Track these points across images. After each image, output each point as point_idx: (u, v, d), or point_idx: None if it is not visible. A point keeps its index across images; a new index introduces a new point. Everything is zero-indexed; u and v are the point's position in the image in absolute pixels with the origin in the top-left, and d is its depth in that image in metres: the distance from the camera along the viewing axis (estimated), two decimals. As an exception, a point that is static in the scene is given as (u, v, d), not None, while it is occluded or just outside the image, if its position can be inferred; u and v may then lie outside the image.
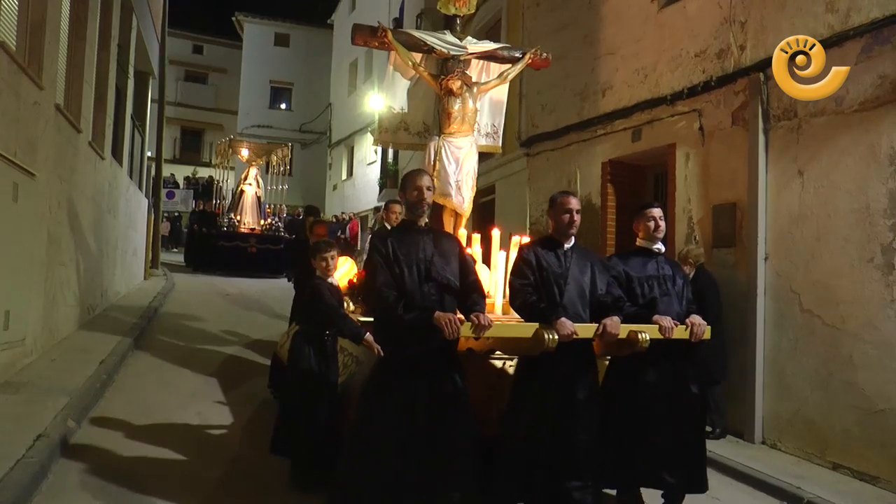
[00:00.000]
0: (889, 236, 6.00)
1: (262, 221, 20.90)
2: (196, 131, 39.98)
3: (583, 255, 4.65)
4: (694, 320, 4.62)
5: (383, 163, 25.03)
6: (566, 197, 4.64)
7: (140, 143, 15.91)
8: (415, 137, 6.89)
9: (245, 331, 10.96)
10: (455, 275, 4.23)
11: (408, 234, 4.27)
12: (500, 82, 6.68)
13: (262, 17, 36.59)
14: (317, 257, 5.33)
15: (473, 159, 6.37)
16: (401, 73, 6.69)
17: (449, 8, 6.57)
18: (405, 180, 4.41)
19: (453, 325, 3.89)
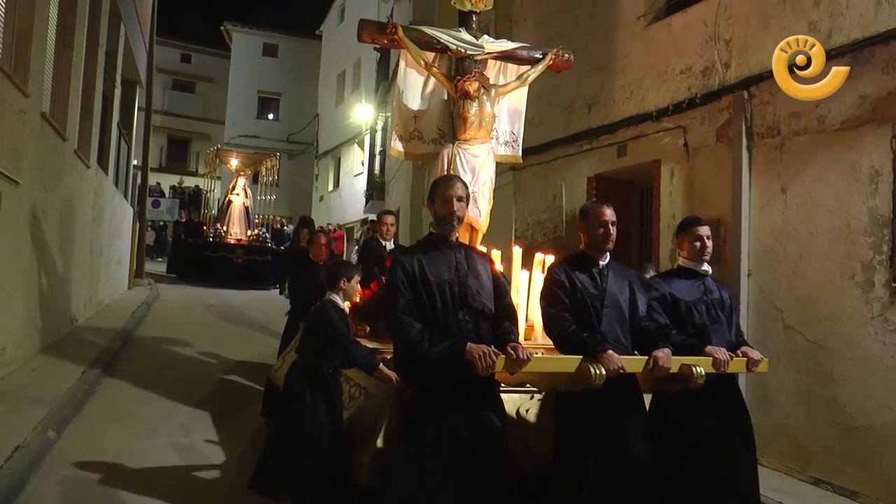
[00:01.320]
0: (869, 254, 6.06)
1: (248, 232, 20.70)
2: (183, 140, 39.90)
3: (620, 273, 4.17)
4: (749, 352, 4.22)
5: (370, 174, 25.06)
6: (600, 207, 4.15)
7: (126, 152, 15.86)
8: (430, 146, 6.30)
9: (232, 348, 10.47)
10: (490, 299, 3.78)
11: (437, 250, 3.79)
12: (519, 85, 6.26)
13: (251, 27, 36.66)
14: (338, 281, 4.68)
15: (491, 169, 5.90)
16: (411, 76, 6.28)
17: (464, 4, 6.13)
18: (433, 189, 3.93)
19: (488, 358, 3.40)
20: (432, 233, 3.92)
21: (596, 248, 4.10)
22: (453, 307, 3.64)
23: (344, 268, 4.81)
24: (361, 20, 6.00)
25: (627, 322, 4.03)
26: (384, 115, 23.39)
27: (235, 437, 6.34)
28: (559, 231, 10.27)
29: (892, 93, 5.95)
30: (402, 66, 6.18)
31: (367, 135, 26.26)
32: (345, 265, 4.91)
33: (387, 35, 5.87)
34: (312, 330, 4.64)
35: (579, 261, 4.14)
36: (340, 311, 4.62)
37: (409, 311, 3.58)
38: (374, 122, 24.92)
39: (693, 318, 4.32)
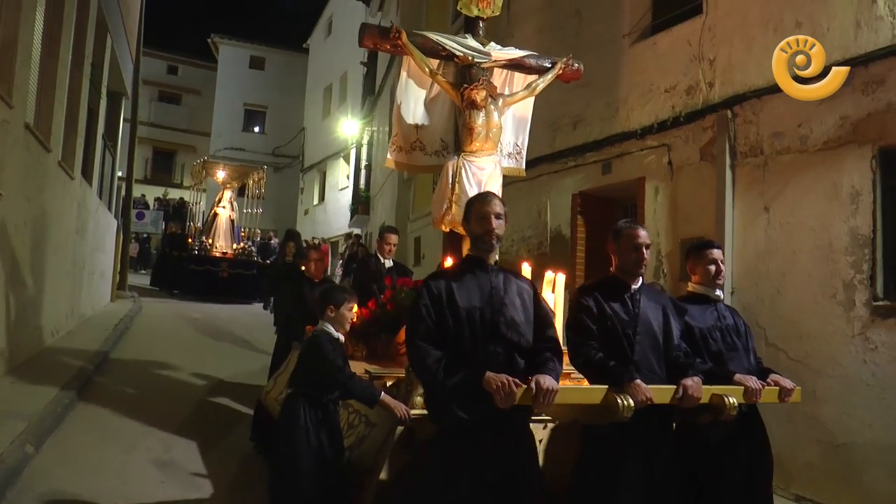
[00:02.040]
0: (850, 273, 6.12)
1: (234, 245, 20.53)
2: (168, 152, 39.79)
3: (652, 297, 3.88)
4: (781, 381, 3.98)
5: (355, 189, 25.07)
6: (634, 228, 3.85)
7: (111, 164, 15.80)
8: (432, 158, 6.01)
9: (217, 366, 10.00)
10: (529, 329, 3.43)
11: (470, 274, 3.46)
12: (527, 95, 5.95)
13: (238, 40, 36.72)
14: (327, 307, 4.34)
15: (497, 182, 5.52)
16: (413, 84, 5.96)
17: (471, 9, 5.85)
18: (468, 208, 3.64)
19: (507, 389, 3.07)
20: (469, 255, 3.63)
21: (628, 272, 3.81)
22: (483, 337, 3.30)
23: (331, 294, 4.43)
24: (363, 24, 5.71)
25: (662, 350, 3.73)
26: (370, 130, 23.43)
27: (223, 463, 5.96)
28: (544, 247, 10.30)
29: (872, 114, 6.03)
30: (404, 74, 5.92)
31: (353, 149, 26.30)
32: (333, 291, 4.51)
33: (390, 40, 5.61)
34: (307, 361, 4.32)
35: (609, 285, 3.84)
36: (334, 342, 4.29)
37: (428, 338, 3.29)
38: (361, 137, 24.96)
39: (709, 346, 4.09)
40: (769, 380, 3.97)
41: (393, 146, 6.01)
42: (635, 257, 3.77)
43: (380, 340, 5.92)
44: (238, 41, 36.68)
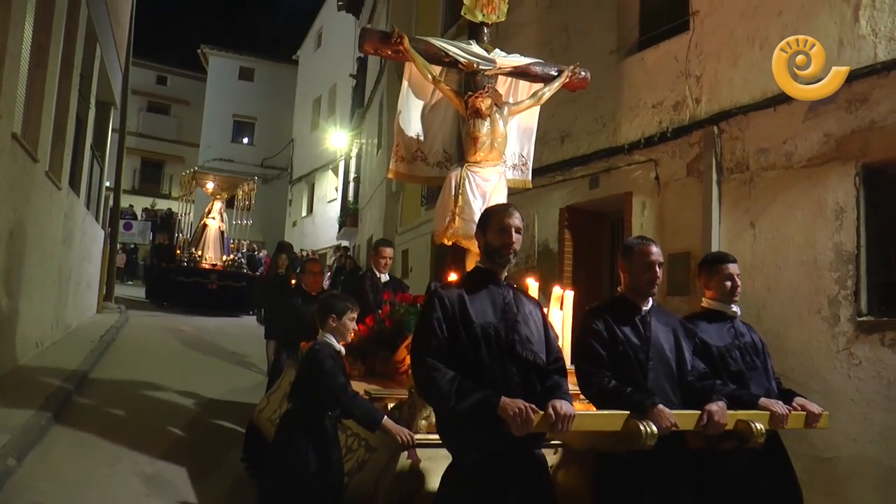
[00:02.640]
0: (835, 289, 6.15)
1: (224, 257, 20.33)
2: (156, 163, 39.74)
3: (663, 319, 3.66)
4: (807, 405, 3.77)
5: (343, 201, 25.09)
6: (647, 245, 3.65)
7: (99, 174, 15.76)
8: (434, 169, 5.78)
9: (206, 382, 9.69)
10: (543, 349, 3.24)
11: (483, 288, 3.24)
12: (532, 103, 5.74)
13: (228, 51, 36.79)
14: (328, 317, 4.08)
15: (503, 194, 5.30)
16: (414, 92, 5.74)
17: (475, 14, 5.62)
18: (486, 218, 3.40)
19: (524, 416, 2.83)
20: (478, 267, 3.40)
21: (639, 293, 3.59)
22: (498, 356, 3.07)
23: (333, 302, 4.14)
24: (364, 29, 5.52)
25: (676, 377, 3.52)
26: (359, 142, 23.46)
27: (213, 486, 5.73)
28: (531, 261, 10.32)
29: (855, 131, 6.09)
30: (405, 82, 5.70)
31: (342, 161, 26.32)
32: (334, 299, 4.22)
33: (391, 45, 5.35)
34: (305, 376, 4.03)
35: (619, 307, 3.61)
36: (335, 355, 4.00)
37: (440, 355, 3.02)
38: (349, 149, 24.99)
39: (728, 366, 3.86)
40: (794, 404, 3.77)
41: (395, 156, 5.77)
42: (648, 276, 3.56)
43: (378, 358, 5.71)
44: (228, 52, 36.74)
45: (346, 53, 26.74)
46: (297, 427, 3.89)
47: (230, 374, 10.85)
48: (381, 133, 18.85)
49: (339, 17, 26.55)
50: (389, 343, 5.66)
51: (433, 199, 14.74)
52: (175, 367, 10.68)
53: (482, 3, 5.61)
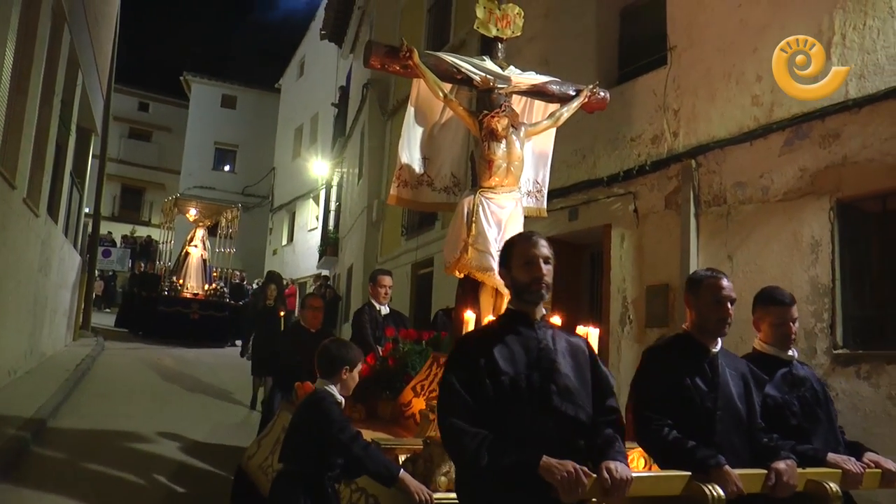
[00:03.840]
0: (811, 322, 6.21)
1: (206, 286, 19.75)
2: (137, 189, 39.53)
3: (731, 363, 3.27)
4: (883, 462, 3.34)
5: (324, 230, 25.06)
6: (717, 278, 3.26)
7: (78, 201, 15.66)
8: (441, 194, 5.39)
9: (188, 422, 8.86)
10: (588, 399, 2.81)
11: (514, 333, 2.83)
12: (550, 125, 5.30)
13: (210, 78, 36.81)
14: (340, 369, 3.65)
15: (519, 222, 4.84)
16: (421, 111, 5.33)
17: (489, 28, 5.21)
18: (508, 251, 3.04)
19: (574, 480, 2.45)
20: (510, 309, 2.96)
21: (708, 332, 3.21)
22: (532, 411, 2.67)
23: (348, 353, 3.73)
24: (370, 41, 5.08)
25: (746, 430, 3.13)
26: (340, 171, 23.49)
27: None
28: (511, 291, 10.33)
29: (830, 167, 6.19)
30: (412, 99, 5.33)
31: (323, 190, 26.32)
32: (349, 349, 3.79)
33: (399, 60, 4.93)
34: (303, 428, 3.58)
35: (684, 347, 3.23)
36: (339, 406, 3.59)
37: (465, 414, 2.65)
38: (331, 178, 25.01)
39: (786, 419, 3.40)
40: (866, 460, 3.34)
41: (397, 180, 5.35)
42: (719, 314, 3.18)
43: (380, 400, 5.24)
44: (210, 79, 36.76)
45: (328, 82, 26.87)
46: (295, 493, 3.43)
47: (213, 409, 10.36)
48: (363, 162, 18.90)
49: (321, 46, 26.68)
50: (393, 384, 5.21)
51: (414, 229, 14.84)
52: (154, 403, 10.16)
53: (496, 18, 5.22)
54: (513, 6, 5.29)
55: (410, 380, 4.99)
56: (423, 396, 4.64)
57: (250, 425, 8.35)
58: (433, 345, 5.36)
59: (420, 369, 4.99)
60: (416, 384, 4.85)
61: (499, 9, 5.20)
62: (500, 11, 5.21)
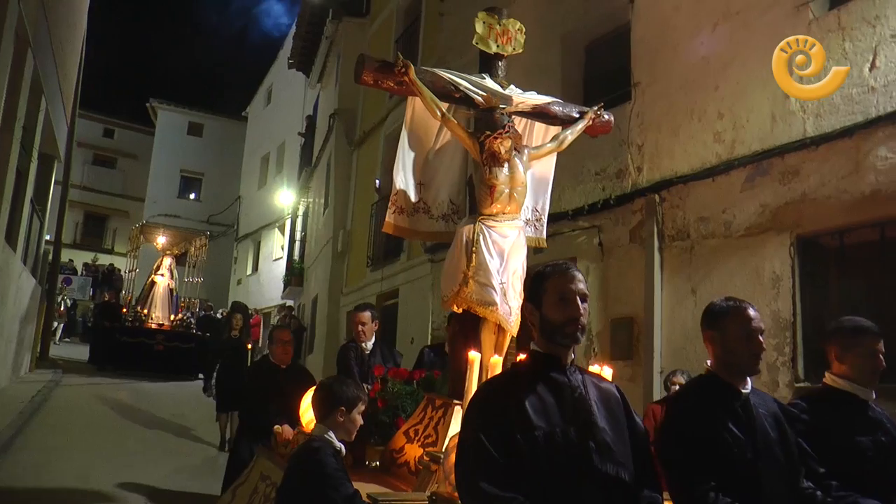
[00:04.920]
0: (773, 355, 6.28)
1: (172, 316, 19.02)
2: (100, 216, 38.95)
3: (762, 402, 2.89)
4: None
5: (289, 260, 24.89)
6: (743, 308, 2.89)
7: (38, 228, 15.39)
8: (438, 222, 5.00)
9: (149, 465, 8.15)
10: (628, 455, 2.47)
11: (544, 381, 2.47)
12: (554, 148, 4.86)
13: (177, 105, 36.57)
14: (336, 409, 3.30)
15: (522, 254, 4.45)
16: (417, 133, 4.94)
17: (489, 44, 4.84)
18: (539, 284, 2.64)
19: None
20: (536, 352, 2.58)
21: (737, 371, 2.83)
22: (571, 473, 2.33)
23: (343, 390, 3.35)
24: (362, 55, 4.68)
25: (789, 480, 2.79)
26: (306, 201, 23.42)
27: None
28: (477, 323, 10.32)
29: (790, 203, 6.30)
30: (407, 118, 4.96)
31: (289, 219, 26.21)
32: (345, 385, 3.43)
33: (394, 76, 4.54)
34: (295, 482, 3.23)
35: (712, 390, 2.85)
36: (337, 455, 3.22)
37: (495, 478, 2.29)
38: (296, 207, 24.91)
39: (862, 467, 2.97)
40: None
41: (392, 207, 4.92)
42: (750, 349, 2.81)
43: (368, 446, 4.81)
44: (177, 106, 36.53)
45: (296, 111, 26.86)
46: None
47: (176, 449, 9.76)
48: (329, 192, 18.87)
49: (289, 74, 26.70)
50: (382, 428, 4.83)
51: (379, 260, 14.83)
52: (113, 442, 9.52)
53: (496, 33, 4.86)
54: (514, 21, 4.92)
55: (402, 423, 4.61)
56: (418, 442, 4.24)
57: (216, 467, 7.76)
58: (425, 385, 4.97)
59: (412, 412, 4.61)
60: (409, 428, 4.43)
61: (499, 24, 4.85)
62: (500, 27, 4.85)
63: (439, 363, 5.64)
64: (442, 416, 4.16)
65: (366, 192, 16.32)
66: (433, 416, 4.29)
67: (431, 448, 3.90)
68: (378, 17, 17.40)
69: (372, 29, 17.74)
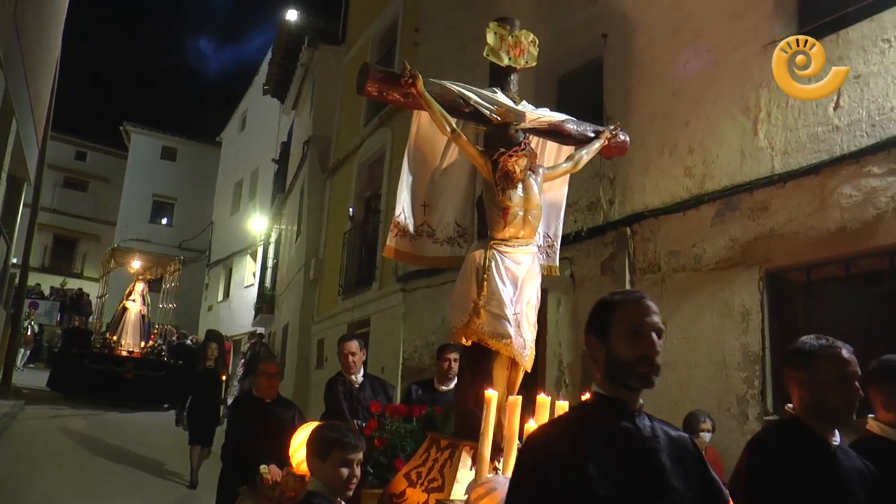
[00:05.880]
0: (743, 388, 6.33)
1: (143, 343, 18.39)
2: (70, 240, 38.42)
3: (848, 459, 2.54)
4: None
5: (261, 287, 24.70)
6: (836, 349, 2.55)
7: (5, 251, 15.16)
8: (443, 247, 4.64)
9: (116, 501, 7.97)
10: None
11: (608, 432, 2.12)
12: (569, 169, 4.53)
13: (151, 129, 36.37)
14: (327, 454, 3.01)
15: (536, 282, 4.14)
16: (421, 150, 4.60)
17: (501, 57, 4.52)
18: (605, 313, 2.31)
19: None
20: (600, 395, 2.24)
21: (827, 419, 2.51)
22: None
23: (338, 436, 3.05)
24: (366, 64, 4.35)
25: None
26: (279, 228, 23.31)
27: None
28: (447, 354, 10.30)
29: (758, 238, 6.39)
30: (412, 134, 4.63)
31: (261, 246, 26.06)
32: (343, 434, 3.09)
33: (399, 87, 4.17)
34: None
35: (795, 439, 2.50)
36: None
37: None
38: (269, 234, 24.79)
39: None
40: None
41: (394, 230, 4.56)
42: (845, 395, 2.49)
43: (364, 488, 4.33)
44: (151, 130, 36.34)
45: (270, 137, 26.82)
46: None
47: (146, 486, 9.46)
48: (301, 220, 18.80)
49: (264, 100, 26.69)
50: (380, 469, 4.46)
51: (351, 288, 14.74)
52: (78, 478, 9.12)
53: (508, 45, 4.56)
54: (527, 33, 4.62)
55: (401, 464, 4.27)
56: (422, 487, 3.92)
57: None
58: (426, 423, 4.64)
59: (412, 452, 4.29)
60: (411, 471, 4.04)
61: (511, 35, 4.55)
62: (512, 38, 4.55)
63: (428, 401, 5.35)
64: (448, 458, 3.80)
65: (338, 220, 16.29)
66: (438, 458, 3.93)
67: (438, 494, 3.62)
68: (354, 45, 17.46)
69: (348, 57, 17.80)
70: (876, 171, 5.73)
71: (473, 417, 3.60)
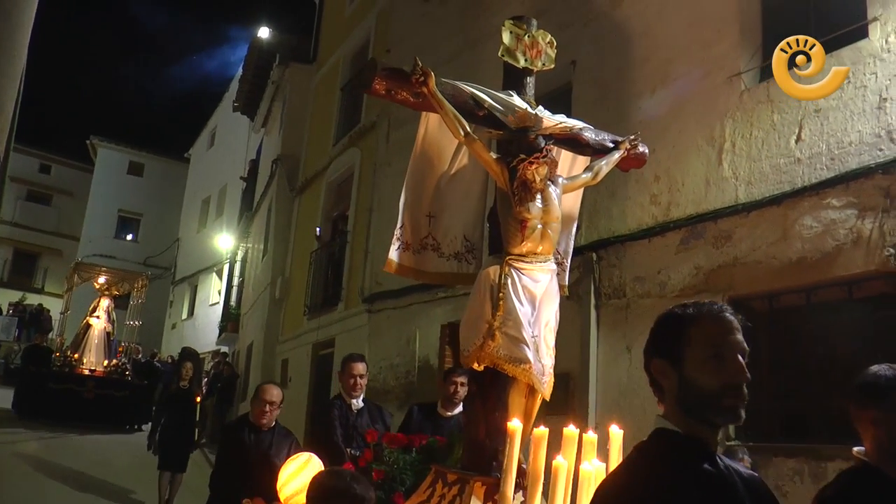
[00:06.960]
0: (705, 416, 6.36)
1: (106, 362, 17.72)
2: (31, 254, 37.71)
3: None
4: None
5: (226, 305, 24.42)
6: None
7: (-38, 265, 14.85)
8: (449, 262, 4.27)
9: None
10: None
11: (689, 473, 1.77)
12: (589, 180, 4.25)
13: (118, 143, 35.98)
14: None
15: (555, 302, 3.87)
16: (428, 156, 4.25)
17: (517, 58, 4.19)
18: (678, 329, 1.91)
19: None
20: (672, 433, 1.88)
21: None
22: None
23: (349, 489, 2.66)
24: (373, 59, 4.08)
25: None
26: (245, 246, 23.12)
27: None
28: (411, 376, 10.26)
29: (722, 266, 6.46)
30: (419, 138, 4.24)
31: (227, 264, 25.82)
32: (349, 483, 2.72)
33: (410, 85, 3.80)
34: None
35: (869, 487, 2.20)
36: None
37: None
38: (235, 252, 24.58)
39: None
40: None
41: (396, 243, 4.20)
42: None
43: None
44: (118, 145, 35.92)
45: (239, 155, 26.65)
46: None
47: None
48: (268, 238, 18.67)
49: (233, 117, 26.51)
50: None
51: (316, 309, 14.62)
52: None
53: (525, 46, 4.22)
54: (544, 33, 4.32)
55: (400, 499, 4.00)
56: None
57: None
58: (428, 454, 4.31)
59: (411, 485, 4.02)
60: None
61: (527, 35, 4.23)
62: (528, 38, 4.23)
63: (429, 426, 5.18)
64: (458, 494, 3.48)
65: (305, 239, 16.21)
66: (445, 494, 3.59)
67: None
68: (325, 63, 17.47)
69: (319, 75, 17.80)
70: (835, 204, 5.83)
71: (484, 449, 3.44)
